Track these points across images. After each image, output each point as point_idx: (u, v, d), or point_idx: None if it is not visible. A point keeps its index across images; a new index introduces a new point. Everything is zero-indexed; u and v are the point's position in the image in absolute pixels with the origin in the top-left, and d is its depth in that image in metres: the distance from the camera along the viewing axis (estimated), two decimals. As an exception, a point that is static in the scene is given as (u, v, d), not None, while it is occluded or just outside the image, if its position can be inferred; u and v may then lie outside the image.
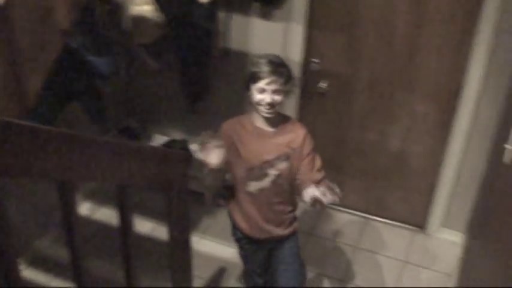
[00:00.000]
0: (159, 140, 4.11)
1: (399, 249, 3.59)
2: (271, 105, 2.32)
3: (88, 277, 1.76)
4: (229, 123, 2.53)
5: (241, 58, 3.55)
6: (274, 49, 3.39)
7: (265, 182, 2.45)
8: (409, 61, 3.23)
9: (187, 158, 2.27)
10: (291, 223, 2.61)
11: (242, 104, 3.73)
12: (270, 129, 2.44)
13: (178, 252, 2.44)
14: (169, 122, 4.13)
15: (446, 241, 3.63)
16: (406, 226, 3.76)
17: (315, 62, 3.43)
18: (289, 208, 2.58)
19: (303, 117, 3.59)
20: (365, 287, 3.29)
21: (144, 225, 3.57)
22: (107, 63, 3.13)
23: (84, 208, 3.77)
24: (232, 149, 2.43)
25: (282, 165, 2.42)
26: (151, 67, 3.48)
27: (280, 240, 2.62)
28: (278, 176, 2.43)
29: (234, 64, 3.59)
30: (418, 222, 3.72)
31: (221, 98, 3.77)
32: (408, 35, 3.16)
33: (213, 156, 2.27)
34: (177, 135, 4.10)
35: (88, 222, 3.63)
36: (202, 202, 3.56)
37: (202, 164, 2.31)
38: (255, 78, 2.31)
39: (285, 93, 2.37)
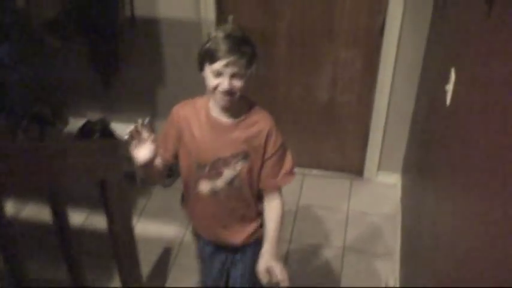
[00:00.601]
0: (75, 123, 3.84)
1: (340, 198, 3.55)
2: (230, 92, 1.90)
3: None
4: (182, 107, 2.11)
5: (149, 25, 3.33)
6: (185, 11, 3.20)
7: (219, 183, 2.08)
8: (328, 7, 3.10)
9: (116, 146, 2.02)
10: (252, 233, 2.22)
11: (156, 75, 3.55)
12: (227, 120, 2.02)
13: (121, 244, 2.26)
14: (83, 102, 3.86)
15: (385, 184, 3.62)
16: (344, 174, 3.72)
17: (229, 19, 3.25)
18: (251, 215, 2.19)
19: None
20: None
21: (76, 217, 3.35)
22: (8, 51, 2.86)
23: (9, 207, 3.50)
24: (181, 138, 2.08)
25: (240, 165, 2.04)
26: (54, 45, 3.21)
27: (236, 250, 2.27)
28: (235, 178, 2.06)
29: (143, 32, 3.36)
30: (355, 168, 3.69)
31: (133, 70, 3.54)
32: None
33: (142, 151, 1.93)
34: (94, 115, 3.84)
35: (16, 222, 3.37)
36: (134, 182, 3.36)
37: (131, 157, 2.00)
38: (210, 57, 1.87)
39: (248, 77, 1.92)
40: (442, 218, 1.87)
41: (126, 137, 1.91)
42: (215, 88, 1.90)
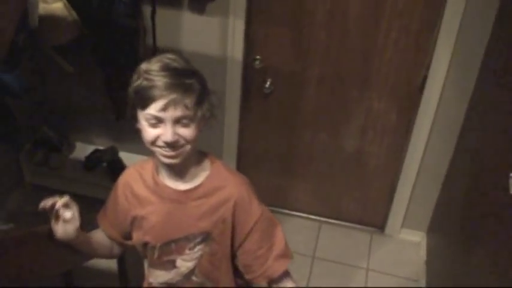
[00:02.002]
0: (82, 149, 3.62)
1: (359, 254, 3.32)
2: (175, 145, 1.41)
3: None
4: (128, 173, 1.67)
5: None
6: (211, 46, 3.01)
7: (174, 276, 1.59)
8: (364, 56, 2.88)
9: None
10: None
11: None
12: (177, 185, 1.53)
13: None
14: (93, 128, 3.64)
15: (408, 242, 3.39)
16: (364, 228, 3.50)
17: (257, 59, 3.02)
18: None
19: (245, 123, 3.24)
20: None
21: None
22: (18, 79, 2.63)
23: None
24: (128, 212, 1.62)
25: (198, 252, 1.54)
26: (65, 70, 2.99)
27: None
28: (194, 271, 1.57)
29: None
30: (377, 223, 3.46)
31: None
32: (363, 28, 2.80)
33: (61, 228, 1.50)
34: (103, 143, 3.62)
35: None
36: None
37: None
38: (141, 99, 1.39)
39: (201, 121, 1.45)
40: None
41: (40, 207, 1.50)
42: (153, 142, 1.42)
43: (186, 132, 1.41)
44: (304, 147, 3.29)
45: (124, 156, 3.54)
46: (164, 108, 1.36)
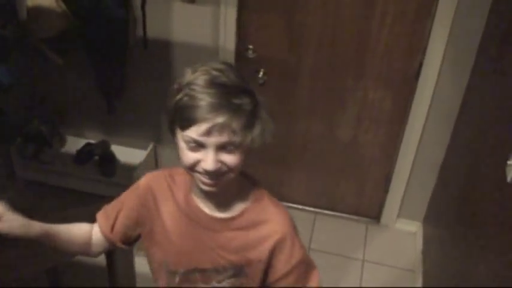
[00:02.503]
0: (73, 143, 3.56)
1: (354, 245, 3.29)
2: (217, 174, 1.23)
3: None
4: (152, 179, 1.45)
5: (162, 48, 3.05)
6: (203, 36, 2.95)
7: None
8: (359, 44, 2.83)
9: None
10: None
11: (163, 100, 3.23)
12: (213, 211, 1.35)
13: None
14: (84, 122, 3.59)
15: (404, 232, 3.36)
16: (359, 218, 3.46)
17: (249, 49, 2.97)
18: None
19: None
20: None
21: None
22: (7, 72, 2.57)
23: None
24: (144, 223, 1.44)
25: (227, 285, 1.37)
26: (55, 62, 2.94)
27: None
28: None
29: (154, 55, 3.08)
30: (372, 213, 3.43)
31: (140, 93, 3.27)
32: (357, 14, 2.76)
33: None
34: (95, 136, 3.56)
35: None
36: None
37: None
38: (182, 119, 1.20)
39: (247, 147, 1.24)
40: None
41: None
42: (192, 167, 1.24)
43: (231, 159, 1.22)
44: (299, 138, 3.25)
45: (116, 149, 3.49)
46: (207, 133, 1.17)
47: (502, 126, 1.98)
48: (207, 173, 1.21)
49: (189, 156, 1.22)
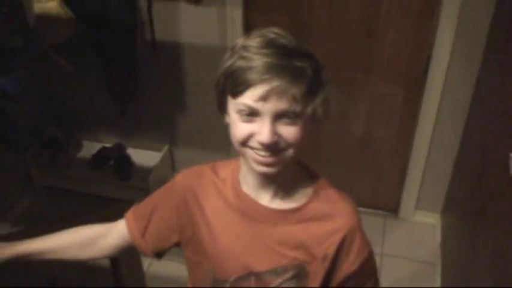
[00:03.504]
0: (89, 147, 3.59)
1: (373, 239, 3.25)
2: (273, 149, 1.07)
3: None
4: (190, 175, 1.28)
5: (171, 50, 3.04)
6: (211, 37, 2.94)
7: None
8: (366, 40, 2.80)
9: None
10: None
11: (176, 102, 3.26)
12: (270, 202, 1.19)
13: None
14: (98, 126, 3.61)
15: (423, 224, 3.32)
16: (378, 212, 3.44)
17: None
18: None
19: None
20: None
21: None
22: (14, 81, 2.59)
23: None
24: (184, 229, 1.26)
25: None
26: (65, 69, 2.96)
27: None
28: None
29: (164, 57, 3.08)
30: (390, 207, 3.40)
31: (153, 95, 3.27)
32: (364, 10, 2.72)
33: None
34: (110, 140, 3.58)
35: None
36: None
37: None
38: (234, 84, 1.05)
39: (310, 119, 1.10)
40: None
41: None
42: (245, 141, 1.08)
43: (290, 132, 1.06)
44: (313, 136, 3.23)
45: (132, 152, 3.51)
46: (263, 98, 1.01)
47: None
48: (263, 147, 1.05)
49: (242, 128, 1.06)
